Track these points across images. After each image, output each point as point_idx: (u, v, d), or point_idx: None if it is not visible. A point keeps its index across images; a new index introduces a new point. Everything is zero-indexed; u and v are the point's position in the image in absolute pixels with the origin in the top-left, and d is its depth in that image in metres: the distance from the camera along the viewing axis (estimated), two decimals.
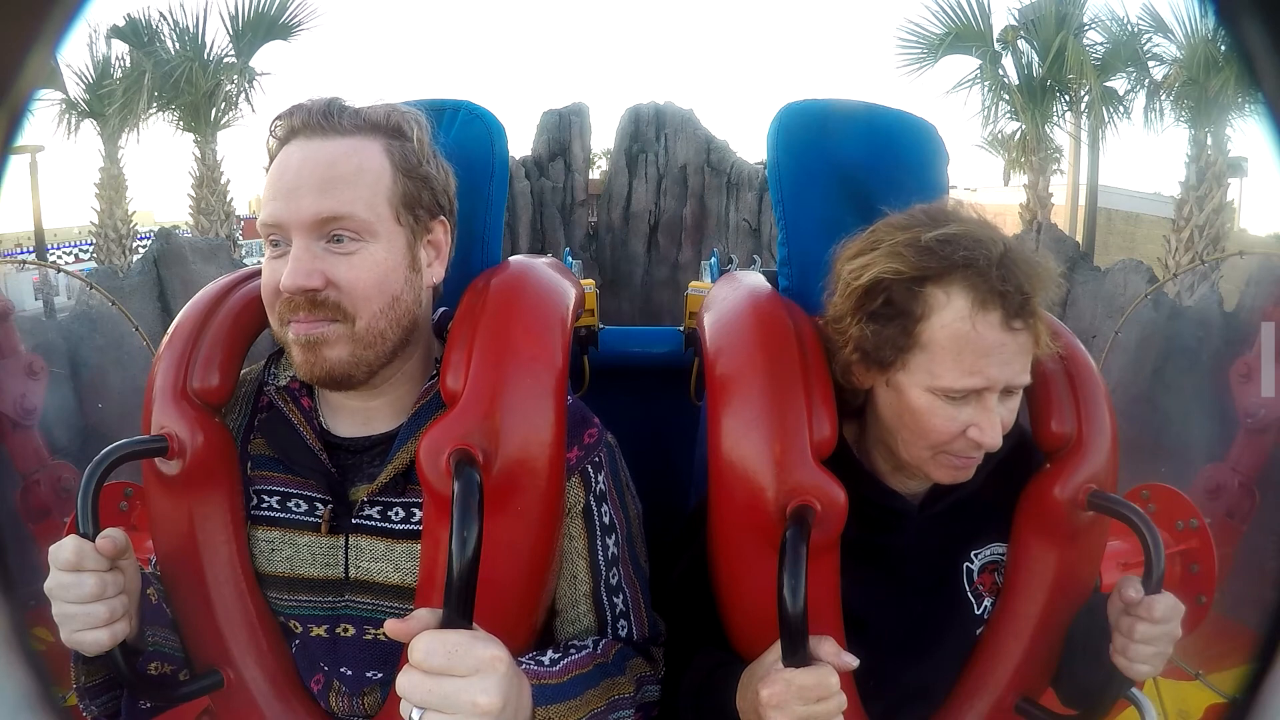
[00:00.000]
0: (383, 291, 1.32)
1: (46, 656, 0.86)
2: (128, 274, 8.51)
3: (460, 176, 1.50)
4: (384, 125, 1.37)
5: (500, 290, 1.43)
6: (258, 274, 1.50)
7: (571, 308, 1.49)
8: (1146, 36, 11.16)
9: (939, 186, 1.72)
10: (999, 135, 12.68)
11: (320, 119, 1.34)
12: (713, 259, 7.02)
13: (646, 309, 11.58)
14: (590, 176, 12.22)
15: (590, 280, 2.34)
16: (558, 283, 1.52)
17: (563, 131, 12.07)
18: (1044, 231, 9.35)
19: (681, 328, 2.38)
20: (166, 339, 1.44)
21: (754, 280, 1.67)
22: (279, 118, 1.38)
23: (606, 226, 11.92)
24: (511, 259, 1.58)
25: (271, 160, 1.36)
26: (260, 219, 1.33)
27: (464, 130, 1.63)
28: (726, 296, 1.61)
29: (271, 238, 1.33)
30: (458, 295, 1.46)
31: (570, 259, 7.51)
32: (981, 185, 15.73)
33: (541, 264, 1.58)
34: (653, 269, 11.86)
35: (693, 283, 2.68)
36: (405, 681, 1.02)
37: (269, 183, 1.33)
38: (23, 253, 14.04)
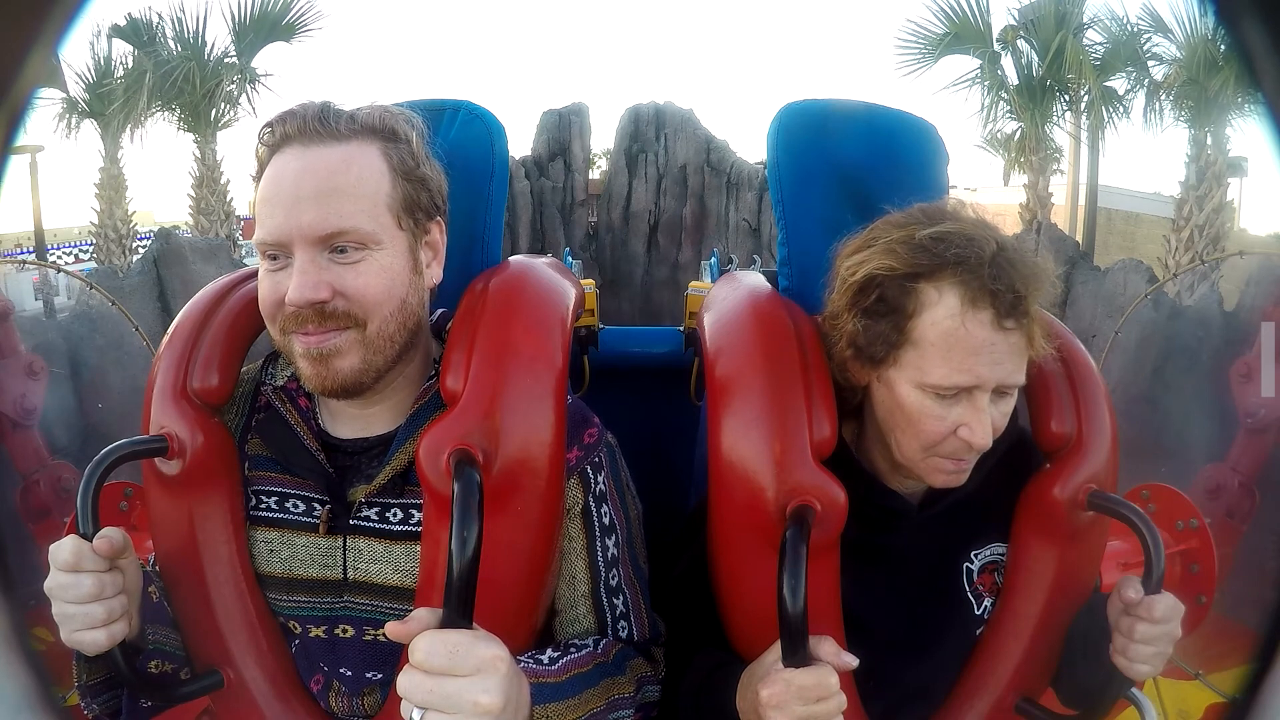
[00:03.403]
0: (391, 296, 1.32)
1: (46, 656, 0.86)
2: (128, 274, 8.50)
3: (460, 177, 1.50)
4: (379, 128, 1.35)
5: (500, 290, 1.43)
6: (256, 274, 1.50)
7: (571, 308, 1.49)
8: (1146, 36, 11.16)
9: (939, 186, 1.72)
10: (998, 135, 12.67)
11: (316, 124, 1.31)
12: (713, 259, 7.01)
13: (646, 309, 11.56)
14: (590, 176, 12.20)
15: (590, 280, 2.34)
16: (558, 283, 1.52)
17: (562, 131, 12.05)
18: (1044, 231, 9.31)
19: (681, 328, 2.37)
20: (166, 339, 1.44)
21: (754, 280, 1.67)
22: (269, 125, 1.34)
23: (606, 226, 11.90)
24: (511, 259, 1.58)
25: (262, 169, 1.33)
26: (259, 235, 1.30)
27: (464, 130, 1.63)
28: (726, 296, 1.61)
29: (270, 253, 1.31)
30: (457, 295, 1.46)
31: (570, 259, 7.50)
32: (981, 185, 15.75)
33: (541, 264, 1.57)
34: (653, 269, 11.85)
35: (693, 283, 2.68)
36: (406, 682, 1.02)
37: (265, 195, 1.30)
38: (23, 253, 14.04)
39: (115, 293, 7.21)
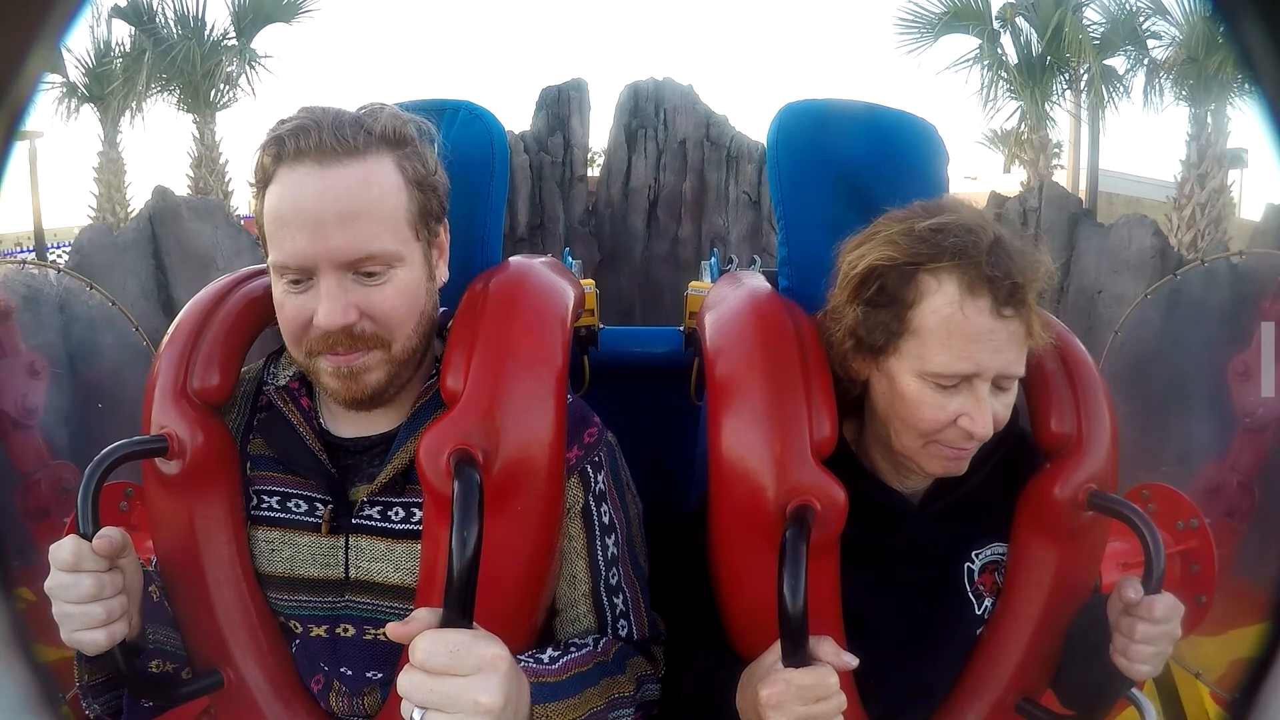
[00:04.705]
0: (414, 312, 1.33)
1: (28, 615, 0.86)
2: (122, 231, 8.48)
3: (460, 177, 1.49)
4: (392, 138, 1.32)
5: (500, 290, 1.43)
6: (258, 274, 1.50)
7: (571, 308, 1.49)
8: (1145, 16, 11.13)
9: (939, 186, 1.72)
10: (998, 131, 12.68)
11: (332, 141, 1.26)
12: (713, 259, 6.99)
13: (646, 285, 11.52)
14: (590, 174, 12.15)
15: (590, 280, 2.33)
16: (557, 283, 1.52)
17: (562, 107, 11.98)
18: (1045, 189, 9.13)
19: (681, 327, 2.37)
20: (167, 338, 1.44)
21: (754, 280, 1.67)
22: (277, 139, 1.28)
23: (606, 202, 11.86)
24: (511, 259, 1.58)
25: (266, 178, 1.29)
26: (278, 258, 1.27)
27: (464, 131, 1.62)
28: (726, 296, 1.61)
29: (292, 277, 1.28)
30: (457, 295, 1.46)
31: (570, 259, 7.48)
32: (982, 175, 15.72)
33: (541, 264, 1.57)
34: (652, 244, 11.80)
35: (693, 283, 2.66)
36: (407, 681, 1.02)
37: (282, 216, 1.26)
38: (22, 251, 13.94)
39: (110, 249, 7.16)
